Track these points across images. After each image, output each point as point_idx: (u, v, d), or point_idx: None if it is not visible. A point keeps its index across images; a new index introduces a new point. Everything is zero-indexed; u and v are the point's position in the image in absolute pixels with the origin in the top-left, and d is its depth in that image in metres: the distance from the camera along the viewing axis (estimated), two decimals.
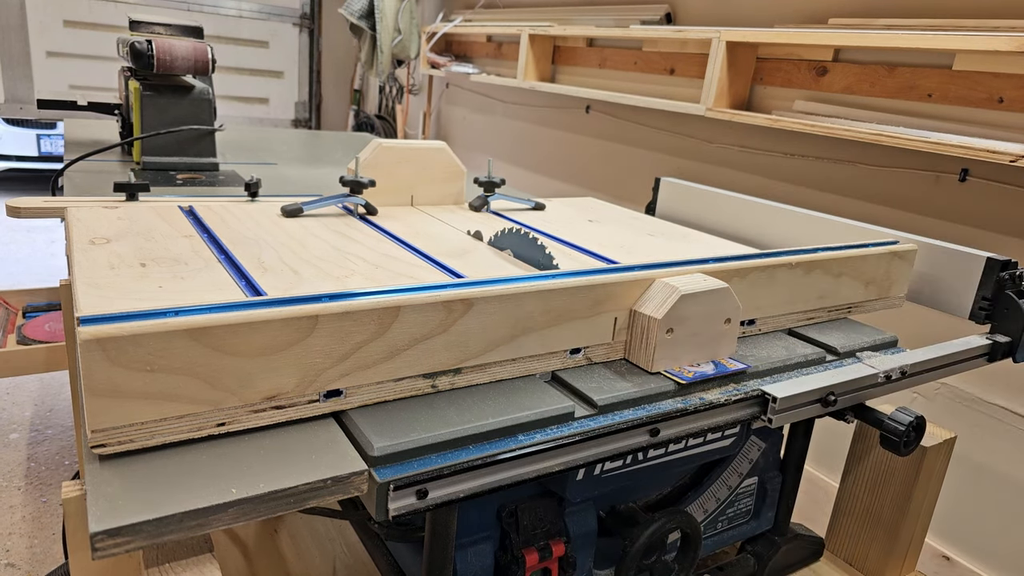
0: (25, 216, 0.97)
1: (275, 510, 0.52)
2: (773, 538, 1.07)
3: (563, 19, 2.86)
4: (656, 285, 0.75)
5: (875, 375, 0.82)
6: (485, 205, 1.22)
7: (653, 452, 0.84)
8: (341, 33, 4.79)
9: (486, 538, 0.77)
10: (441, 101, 3.98)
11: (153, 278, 0.70)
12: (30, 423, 2.31)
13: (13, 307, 2.03)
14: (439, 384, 0.66)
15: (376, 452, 0.56)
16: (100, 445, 0.52)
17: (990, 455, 1.65)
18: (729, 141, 2.24)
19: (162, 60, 1.45)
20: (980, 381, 1.65)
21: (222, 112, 1.76)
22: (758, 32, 1.92)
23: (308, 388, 0.59)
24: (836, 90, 1.91)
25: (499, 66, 3.43)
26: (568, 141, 3.00)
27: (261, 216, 1.00)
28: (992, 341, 0.96)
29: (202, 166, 1.55)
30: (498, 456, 0.60)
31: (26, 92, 4.21)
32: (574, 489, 0.79)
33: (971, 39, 1.45)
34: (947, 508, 1.72)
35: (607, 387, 0.70)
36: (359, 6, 3.83)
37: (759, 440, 1.00)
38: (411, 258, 0.88)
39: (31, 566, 1.71)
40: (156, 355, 0.52)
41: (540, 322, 0.69)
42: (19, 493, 1.96)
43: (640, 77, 2.59)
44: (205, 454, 0.54)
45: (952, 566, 1.73)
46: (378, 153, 1.13)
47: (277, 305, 0.57)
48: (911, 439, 0.86)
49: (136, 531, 0.46)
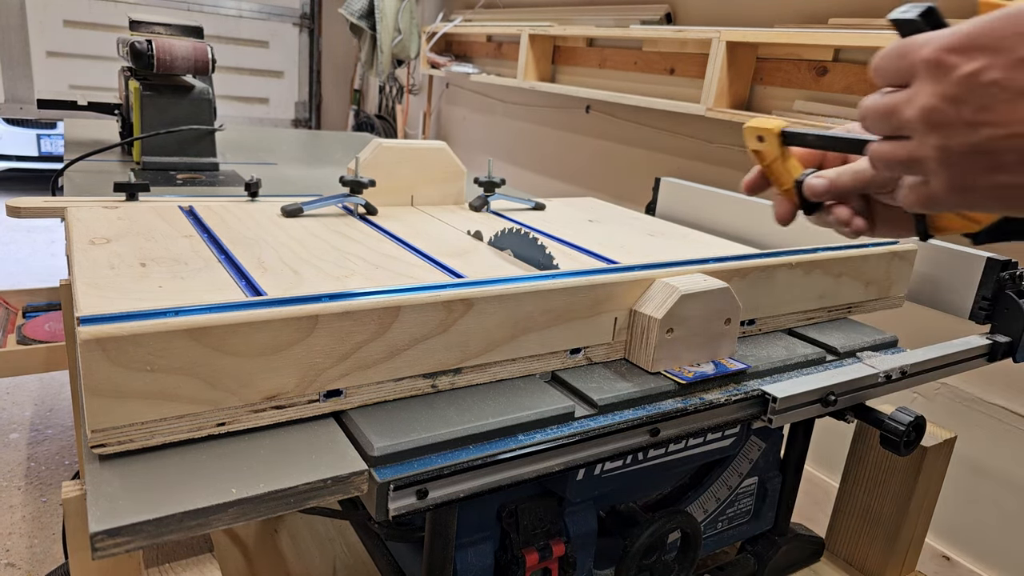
0: (25, 216, 0.97)
1: (275, 510, 0.52)
2: (773, 538, 1.07)
3: (563, 19, 2.86)
4: (656, 285, 0.75)
5: (875, 375, 0.82)
6: (485, 205, 1.22)
7: (653, 452, 0.84)
8: (341, 33, 4.79)
9: (486, 538, 0.77)
10: (441, 101, 3.98)
11: (153, 278, 0.70)
12: (30, 423, 2.31)
13: (13, 307, 2.03)
14: (439, 384, 0.66)
15: (376, 452, 0.56)
16: (100, 445, 0.52)
17: (990, 455, 1.65)
18: (729, 141, 2.24)
19: (162, 60, 1.45)
20: (980, 381, 1.65)
21: (222, 112, 1.76)
22: (758, 32, 1.92)
23: (308, 388, 0.59)
24: (836, 90, 1.91)
25: (499, 66, 3.43)
26: (568, 141, 3.00)
27: (261, 216, 1.00)
28: (992, 341, 0.96)
29: (202, 166, 1.55)
30: (498, 456, 0.60)
31: (26, 92, 4.21)
32: (574, 489, 0.79)
33: None
34: (947, 508, 1.72)
35: (607, 387, 0.70)
36: (359, 6, 3.83)
37: (759, 440, 1.00)
38: (411, 258, 0.88)
39: (31, 566, 1.71)
40: (156, 355, 0.52)
41: (540, 322, 0.69)
42: (19, 493, 1.96)
43: (640, 77, 2.59)
44: (205, 454, 0.54)
45: (952, 566, 1.73)
46: (378, 153, 1.13)
47: (277, 305, 0.57)
48: (911, 439, 0.86)
49: (136, 531, 0.46)
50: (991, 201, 0.47)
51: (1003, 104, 0.42)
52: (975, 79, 0.43)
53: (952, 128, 0.44)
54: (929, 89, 0.45)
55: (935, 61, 0.44)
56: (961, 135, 0.44)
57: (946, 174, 0.46)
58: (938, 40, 0.45)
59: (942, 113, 0.44)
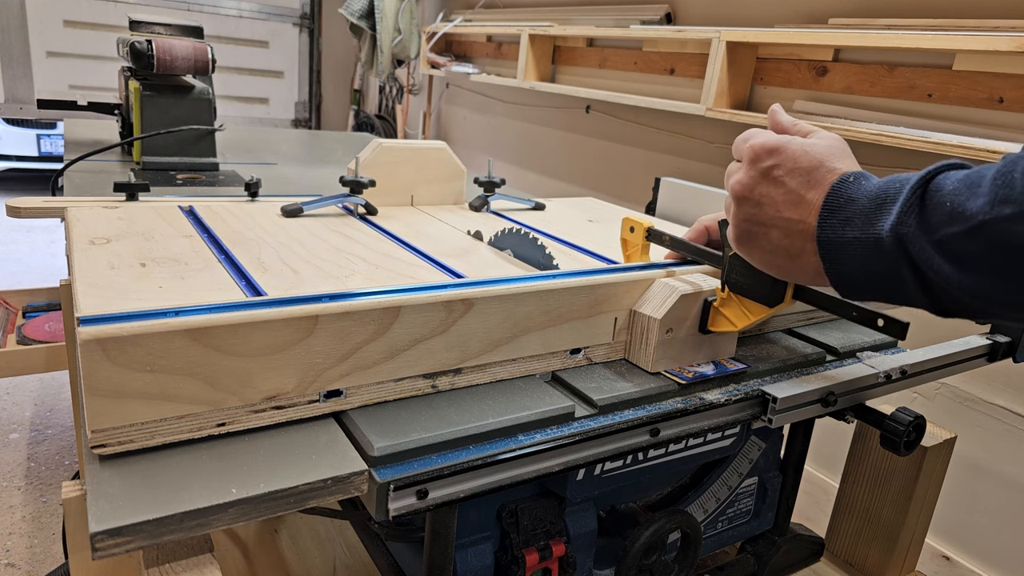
0: (25, 216, 0.97)
1: (275, 510, 0.52)
2: (773, 538, 1.07)
3: (563, 19, 2.86)
4: (656, 285, 0.75)
5: (875, 375, 0.82)
6: (485, 205, 1.22)
7: (653, 452, 0.84)
8: (341, 33, 4.79)
9: (486, 538, 0.77)
10: (441, 101, 3.98)
11: (153, 278, 0.70)
12: (30, 423, 2.31)
13: (13, 307, 2.03)
14: (439, 384, 0.66)
15: (376, 452, 0.56)
16: (100, 445, 0.52)
17: (990, 455, 1.65)
18: (729, 141, 2.24)
19: (162, 60, 1.45)
20: (980, 381, 1.65)
21: (222, 112, 1.76)
22: (758, 32, 1.91)
23: (308, 388, 0.59)
24: (836, 90, 1.91)
25: (499, 66, 3.43)
26: (568, 141, 3.00)
27: (261, 216, 1.00)
28: (992, 341, 0.96)
29: (202, 166, 1.55)
30: (498, 456, 0.60)
31: (26, 92, 4.21)
32: (574, 489, 0.79)
33: (971, 39, 1.45)
34: (947, 508, 1.72)
35: (607, 387, 0.70)
36: (359, 6, 3.83)
37: (759, 440, 1.00)
38: (411, 258, 0.88)
39: (31, 566, 1.71)
40: (156, 355, 0.52)
41: (540, 322, 0.69)
42: (19, 493, 1.96)
43: (640, 77, 2.59)
44: (205, 454, 0.54)
45: (952, 566, 1.73)
46: (378, 153, 1.13)
47: (277, 305, 0.57)
48: (911, 439, 0.86)
49: (136, 531, 0.46)
50: (761, 264, 0.64)
51: (780, 197, 0.60)
52: (768, 173, 0.60)
53: (747, 202, 0.62)
54: (744, 170, 0.63)
55: (752, 153, 0.62)
56: (749, 208, 0.62)
57: (735, 232, 0.65)
58: (761, 137, 0.62)
59: (745, 188, 0.62)
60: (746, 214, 0.62)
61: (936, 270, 0.50)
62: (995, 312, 0.51)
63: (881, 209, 0.53)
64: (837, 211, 0.56)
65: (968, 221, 0.48)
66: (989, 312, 0.51)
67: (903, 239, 0.51)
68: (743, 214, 0.63)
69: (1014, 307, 0.49)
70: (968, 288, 0.49)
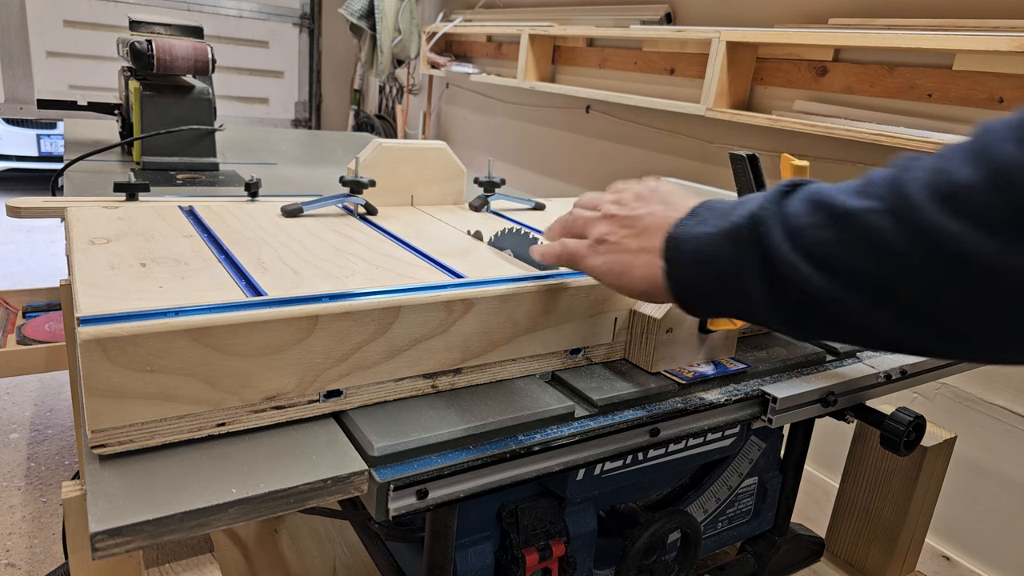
0: (25, 216, 0.97)
1: (275, 510, 0.52)
2: (773, 538, 1.07)
3: (563, 19, 2.86)
4: None
5: (875, 375, 0.82)
6: (485, 205, 1.22)
7: (653, 452, 0.84)
8: (341, 33, 4.79)
9: (486, 538, 0.77)
10: (441, 101, 3.98)
11: (153, 278, 0.70)
12: (30, 423, 2.31)
13: (13, 307, 2.03)
14: (439, 384, 0.66)
15: (376, 452, 0.56)
16: (100, 445, 0.52)
17: (990, 455, 1.65)
18: (729, 141, 2.24)
19: (162, 60, 1.45)
20: (980, 381, 1.65)
21: (222, 112, 1.76)
22: (758, 32, 1.91)
23: (308, 388, 0.59)
24: (836, 90, 1.91)
25: (499, 66, 3.43)
26: (568, 141, 3.00)
27: (261, 216, 1.00)
28: None
29: (202, 166, 1.54)
30: (498, 456, 0.60)
31: (26, 92, 4.21)
32: (574, 489, 0.79)
33: (971, 39, 1.45)
34: (947, 508, 1.72)
35: (607, 387, 0.70)
36: (359, 6, 3.83)
37: (759, 440, 1.00)
38: (411, 258, 0.88)
39: (31, 566, 1.71)
40: (156, 355, 0.52)
41: (540, 322, 0.69)
42: (19, 493, 1.96)
43: (640, 77, 2.59)
44: (205, 454, 0.54)
45: (952, 566, 1.73)
46: (378, 153, 1.13)
47: (277, 305, 0.57)
48: (911, 439, 0.86)
49: (136, 531, 0.46)
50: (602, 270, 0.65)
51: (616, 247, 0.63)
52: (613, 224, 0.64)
53: (601, 245, 0.65)
54: (603, 222, 0.66)
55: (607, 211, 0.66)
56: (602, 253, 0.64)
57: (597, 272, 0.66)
58: (611, 198, 0.68)
59: (607, 234, 0.65)
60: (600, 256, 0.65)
61: (785, 260, 0.48)
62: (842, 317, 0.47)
63: (741, 206, 0.53)
64: (695, 215, 0.57)
65: (830, 211, 0.47)
66: (840, 319, 0.47)
67: (759, 221, 0.50)
68: (595, 253, 0.65)
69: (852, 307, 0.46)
70: (817, 283, 0.46)
